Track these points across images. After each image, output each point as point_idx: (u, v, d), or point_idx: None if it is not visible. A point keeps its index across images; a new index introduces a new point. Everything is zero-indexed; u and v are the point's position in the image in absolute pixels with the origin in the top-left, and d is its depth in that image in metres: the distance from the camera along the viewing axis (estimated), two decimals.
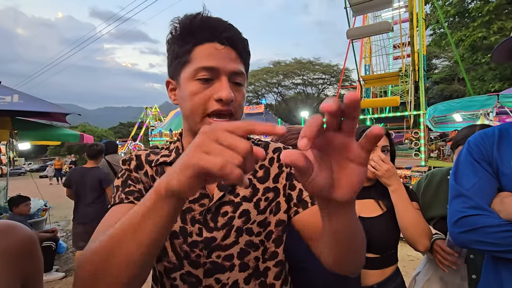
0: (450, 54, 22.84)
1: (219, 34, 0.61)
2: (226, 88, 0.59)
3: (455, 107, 4.34)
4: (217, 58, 0.60)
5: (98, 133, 31.36)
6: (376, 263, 1.15)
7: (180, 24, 0.62)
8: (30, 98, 3.93)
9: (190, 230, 0.63)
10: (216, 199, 0.63)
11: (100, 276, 0.42)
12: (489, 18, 11.09)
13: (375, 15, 15.76)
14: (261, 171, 0.70)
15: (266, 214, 0.67)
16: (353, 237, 0.47)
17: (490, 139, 0.88)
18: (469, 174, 0.89)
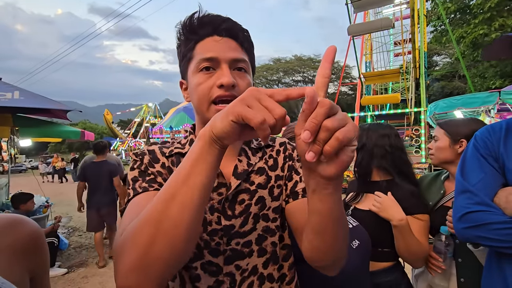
0: (451, 51, 22.75)
1: (217, 27, 0.64)
2: (227, 74, 0.61)
3: (456, 104, 4.34)
4: (216, 48, 0.62)
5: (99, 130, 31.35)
6: None
7: (182, 26, 0.66)
8: (31, 95, 3.93)
9: (210, 219, 0.64)
10: (233, 188, 0.65)
11: (158, 235, 0.42)
12: (491, 14, 11.03)
13: (376, 11, 15.67)
14: (270, 160, 0.74)
15: (280, 201, 0.71)
16: (335, 223, 0.47)
17: (497, 134, 0.88)
18: (475, 170, 0.89)
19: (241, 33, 0.66)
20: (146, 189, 0.60)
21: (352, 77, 35.39)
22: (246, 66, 0.66)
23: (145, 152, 0.69)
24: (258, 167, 0.71)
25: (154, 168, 0.66)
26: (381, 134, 1.28)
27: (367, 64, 17.01)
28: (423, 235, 1.13)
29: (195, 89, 0.64)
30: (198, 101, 0.64)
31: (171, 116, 14.50)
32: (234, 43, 0.65)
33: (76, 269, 3.76)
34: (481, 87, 13.00)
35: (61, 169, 15.90)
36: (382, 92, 17.45)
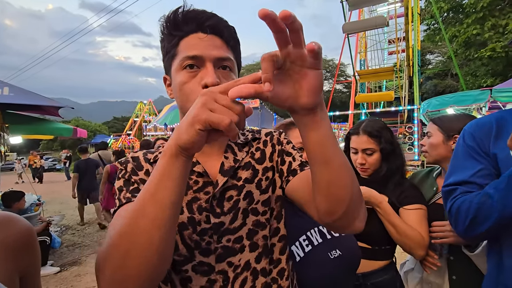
0: (443, 49, 23.00)
1: (201, 24, 0.62)
2: (211, 73, 0.59)
3: (449, 101, 4.40)
4: (200, 46, 0.61)
5: (92, 128, 30.86)
6: (366, 253, 1.15)
7: (166, 20, 0.64)
8: (21, 91, 3.85)
9: (198, 219, 0.63)
10: (221, 185, 0.65)
11: (131, 249, 0.43)
12: (483, 14, 11.15)
13: (371, 9, 15.73)
14: (257, 153, 0.73)
15: (269, 193, 0.70)
16: (335, 149, 0.48)
17: (486, 131, 0.89)
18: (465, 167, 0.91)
19: (227, 30, 0.65)
20: (129, 200, 0.60)
21: (346, 75, 35.52)
22: (231, 65, 0.65)
23: (129, 159, 0.68)
24: (244, 162, 0.70)
25: (137, 176, 0.65)
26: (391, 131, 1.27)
27: (362, 62, 17.10)
28: (423, 224, 1.12)
29: (179, 87, 0.63)
30: (182, 101, 0.63)
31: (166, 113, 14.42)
32: (219, 40, 0.63)
33: (69, 267, 3.72)
34: (473, 85, 13.17)
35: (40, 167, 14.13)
36: (376, 90, 17.58)
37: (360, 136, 1.24)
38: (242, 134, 0.77)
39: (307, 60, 0.39)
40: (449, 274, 1.13)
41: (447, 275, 1.14)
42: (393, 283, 1.17)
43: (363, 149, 1.23)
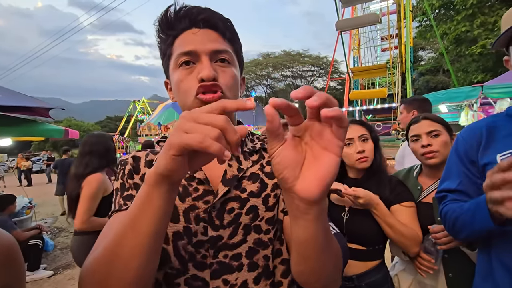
0: (435, 46, 23.24)
1: (194, 19, 0.60)
2: (206, 67, 0.57)
3: (441, 98, 4.44)
4: (194, 41, 0.59)
5: (84, 128, 30.46)
6: (360, 255, 1.16)
7: (159, 22, 0.62)
8: (10, 93, 3.77)
9: (195, 229, 0.59)
10: (220, 195, 0.60)
11: (110, 275, 0.42)
12: (472, 11, 11.29)
13: (364, 6, 15.80)
14: (268, 166, 0.67)
15: (275, 211, 0.64)
16: (319, 251, 0.43)
17: (477, 139, 0.90)
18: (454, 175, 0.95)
19: (222, 22, 0.62)
20: (121, 207, 0.59)
21: (340, 72, 35.69)
22: (229, 57, 0.61)
23: (128, 160, 0.65)
24: (250, 173, 0.65)
25: (132, 180, 0.63)
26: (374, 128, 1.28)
27: (355, 59, 17.20)
28: (414, 220, 1.14)
29: (177, 86, 0.60)
30: (182, 99, 0.60)
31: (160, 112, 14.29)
32: (214, 33, 0.61)
33: (62, 270, 3.67)
34: (464, 81, 13.36)
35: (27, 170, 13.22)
36: (369, 86, 17.72)
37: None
38: (251, 141, 0.72)
39: (328, 140, 0.34)
40: (445, 272, 1.14)
41: (441, 275, 1.14)
42: (386, 280, 1.18)
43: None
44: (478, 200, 0.78)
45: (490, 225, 0.74)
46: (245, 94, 39.96)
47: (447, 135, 1.19)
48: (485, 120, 0.95)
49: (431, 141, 1.19)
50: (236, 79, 0.62)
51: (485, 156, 0.87)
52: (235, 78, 0.61)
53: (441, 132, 1.20)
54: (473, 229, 0.82)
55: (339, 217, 1.21)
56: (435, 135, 1.20)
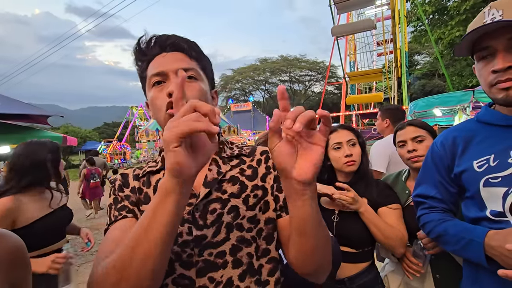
0: (430, 50, 23.52)
1: (163, 44, 0.68)
2: (173, 83, 0.63)
3: (434, 102, 4.51)
4: (163, 63, 0.67)
5: (82, 134, 30.25)
6: (351, 257, 1.19)
7: (134, 52, 0.71)
8: (8, 100, 3.80)
9: (180, 230, 0.63)
10: (202, 196, 0.65)
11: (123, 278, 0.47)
12: (466, 16, 11.49)
13: (359, 12, 16.02)
14: (249, 170, 0.73)
15: (256, 211, 0.68)
16: (315, 225, 0.52)
17: (451, 148, 0.93)
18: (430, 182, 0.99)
19: (186, 44, 0.70)
20: (116, 218, 0.64)
21: (337, 77, 35.96)
22: (196, 74, 0.68)
23: (117, 178, 0.72)
24: (230, 176, 0.70)
25: (122, 193, 0.69)
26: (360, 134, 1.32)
27: (351, 64, 17.37)
28: (400, 222, 1.19)
29: (151, 104, 0.68)
30: (156, 115, 0.67)
31: None
32: (180, 54, 0.69)
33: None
34: (459, 85, 13.52)
35: None
36: (366, 91, 17.87)
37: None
38: (229, 149, 0.77)
39: (316, 137, 0.46)
40: (433, 273, 1.17)
41: (429, 276, 1.17)
42: (376, 282, 1.21)
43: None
44: (471, 235, 0.81)
45: (483, 263, 0.78)
46: (243, 99, 40.07)
47: (431, 140, 1.24)
48: (459, 127, 0.98)
49: (416, 146, 1.25)
50: (203, 92, 0.68)
51: (462, 163, 0.89)
52: (202, 91, 0.68)
53: (425, 138, 1.25)
54: (460, 254, 0.87)
55: (329, 220, 1.24)
56: (420, 140, 1.26)
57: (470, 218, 0.89)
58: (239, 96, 43.07)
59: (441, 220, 0.92)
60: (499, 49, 0.77)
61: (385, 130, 2.33)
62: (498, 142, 0.83)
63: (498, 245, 0.73)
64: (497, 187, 0.79)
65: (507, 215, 0.77)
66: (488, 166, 0.81)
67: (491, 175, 0.80)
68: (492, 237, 0.76)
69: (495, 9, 0.77)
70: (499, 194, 0.78)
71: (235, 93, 43.19)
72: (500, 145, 0.82)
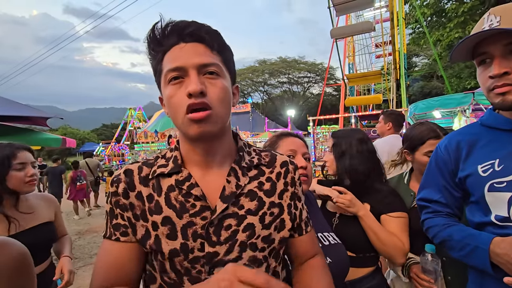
0: (429, 52, 23.64)
1: (181, 33, 0.60)
2: (194, 81, 0.57)
3: (434, 104, 4.52)
4: (181, 57, 0.59)
5: (80, 136, 30.18)
6: (351, 261, 1.15)
7: (147, 40, 0.63)
8: (6, 102, 3.77)
9: (192, 246, 0.60)
10: (219, 212, 0.61)
11: None
12: (464, 18, 11.56)
13: (358, 14, 16.08)
14: (267, 184, 0.68)
15: (271, 230, 0.65)
16: None
17: (455, 153, 0.93)
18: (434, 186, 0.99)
19: (209, 35, 0.62)
20: (110, 237, 0.63)
21: (336, 78, 36.04)
22: (218, 70, 0.61)
23: (121, 177, 0.64)
24: (248, 190, 0.66)
25: (127, 200, 0.63)
26: (358, 139, 1.30)
27: (350, 66, 17.40)
28: (404, 232, 1.15)
29: (168, 102, 0.61)
30: (173, 115, 0.61)
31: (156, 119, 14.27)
32: (201, 46, 0.61)
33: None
34: (458, 87, 13.59)
35: None
36: (365, 93, 17.91)
37: None
38: (248, 154, 0.72)
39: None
40: (444, 275, 1.17)
41: (440, 279, 1.15)
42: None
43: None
44: (476, 242, 0.81)
45: (488, 270, 0.77)
46: (242, 100, 39.99)
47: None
48: (462, 130, 0.97)
49: None
50: (226, 90, 0.62)
51: (466, 168, 0.89)
52: (225, 90, 0.62)
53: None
54: (465, 260, 0.86)
55: (330, 223, 1.24)
56: None
57: (474, 223, 0.88)
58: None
59: (446, 225, 0.91)
60: (495, 55, 0.78)
61: (385, 132, 2.63)
62: (502, 146, 0.83)
63: (504, 253, 0.73)
64: (502, 192, 0.79)
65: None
66: (493, 171, 0.81)
67: (496, 179, 0.80)
68: (497, 244, 0.75)
69: (494, 15, 0.79)
70: (504, 199, 0.78)
71: None
72: (505, 149, 0.82)
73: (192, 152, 0.66)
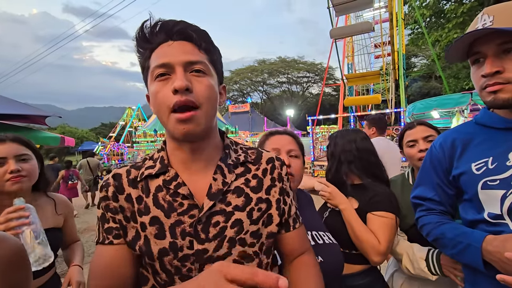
0: (427, 52, 23.71)
1: (169, 32, 0.61)
2: (180, 77, 0.57)
3: (433, 104, 4.55)
4: (168, 54, 0.59)
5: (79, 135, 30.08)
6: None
7: (136, 37, 0.63)
8: (5, 100, 3.77)
9: (181, 244, 0.60)
10: (206, 209, 0.61)
11: None
12: (463, 19, 11.61)
13: (357, 15, 16.11)
14: (254, 180, 0.69)
15: (259, 225, 0.66)
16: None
17: (449, 151, 0.94)
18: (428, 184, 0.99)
19: (196, 33, 0.62)
20: (103, 241, 0.63)
21: (335, 78, 36.09)
22: (205, 68, 0.62)
23: (109, 182, 0.64)
24: (235, 186, 0.66)
25: (117, 202, 0.63)
26: (347, 140, 1.29)
27: (349, 66, 17.44)
28: (384, 232, 1.10)
29: (154, 98, 0.61)
30: (158, 111, 0.61)
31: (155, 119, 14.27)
32: (189, 45, 0.61)
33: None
34: (456, 88, 13.64)
35: None
36: (364, 93, 17.95)
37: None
38: (234, 151, 0.72)
39: None
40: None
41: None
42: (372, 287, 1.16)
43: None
44: (468, 240, 0.82)
45: (480, 268, 0.78)
46: (241, 100, 40.02)
47: None
48: (457, 129, 0.98)
49: (428, 146, 1.21)
50: (212, 88, 0.62)
51: (460, 166, 0.89)
52: (211, 88, 0.62)
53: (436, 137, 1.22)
54: (458, 258, 0.88)
55: (321, 215, 1.27)
56: (431, 140, 1.24)
57: (467, 220, 0.89)
58: (237, 97, 43.05)
59: (439, 223, 0.92)
60: (488, 54, 0.80)
61: (371, 137, 2.81)
62: (496, 144, 0.84)
63: (496, 251, 0.74)
64: (495, 189, 0.80)
65: (505, 218, 0.78)
66: (487, 169, 0.82)
67: (489, 177, 0.81)
68: (490, 242, 0.76)
69: (487, 14, 0.80)
70: (497, 197, 0.79)
71: (233, 94, 43.14)
72: (499, 147, 0.83)
73: (178, 151, 0.66)
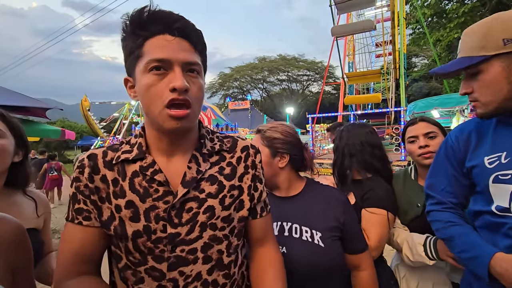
0: (428, 53, 23.70)
1: (169, 26, 0.60)
2: (180, 77, 0.58)
3: (434, 104, 4.56)
4: (168, 49, 0.59)
5: (78, 129, 29.97)
6: None
7: (130, 19, 0.61)
8: (6, 92, 3.75)
9: (154, 227, 0.63)
10: (180, 196, 0.63)
11: None
12: (464, 19, 11.60)
13: (359, 13, 16.07)
14: (228, 168, 0.72)
15: (230, 211, 0.69)
16: None
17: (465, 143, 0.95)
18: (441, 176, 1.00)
19: (195, 34, 0.64)
20: (72, 220, 0.65)
21: (335, 77, 36.04)
22: (199, 69, 0.64)
23: (84, 163, 0.65)
24: (209, 175, 0.69)
25: (92, 183, 0.64)
26: (352, 134, 1.29)
27: (350, 65, 17.42)
28: (372, 226, 1.11)
29: (145, 90, 0.60)
30: (149, 105, 0.61)
31: None
32: (187, 44, 0.62)
33: None
34: (456, 88, 13.65)
35: None
36: (364, 92, 17.95)
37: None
38: (210, 140, 0.74)
39: None
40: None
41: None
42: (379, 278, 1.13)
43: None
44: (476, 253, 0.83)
45: (485, 279, 0.80)
46: (241, 97, 39.93)
47: (442, 137, 1.22)
48: (474, 121, 0.98)
49: (428, 142, 1.21)
50: (202, 90, 0.66)
51: (473, 158, 0.91)
52: (202, 89, 0.65)
53: (438, 134, 1.23)
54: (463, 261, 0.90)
55: None
56: (432, 136, 1.23)
57: (474, 210, 0.91)
58: (237, 94, 42.94)
59: (449, 223, 0.93)
60: (464, 77, 0.90)
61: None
62: (511, 139, 0.85)
63: (505, 270, 0.75)
64: (506, 184, 0.81)
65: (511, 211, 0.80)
66: (499, 163, 0.83)
67: (501, 171, 0.82)
68: (498, 262, 0.77)
69: (461, 40, 0.88)
70: (508, 191, 0.81)
71: (233, 91, 43.07)
72: None
73: (159, 140, 0.68)
